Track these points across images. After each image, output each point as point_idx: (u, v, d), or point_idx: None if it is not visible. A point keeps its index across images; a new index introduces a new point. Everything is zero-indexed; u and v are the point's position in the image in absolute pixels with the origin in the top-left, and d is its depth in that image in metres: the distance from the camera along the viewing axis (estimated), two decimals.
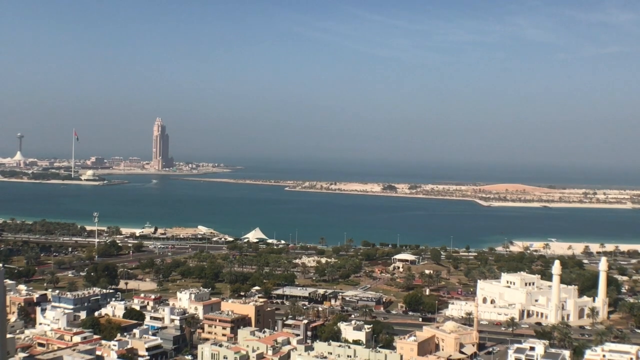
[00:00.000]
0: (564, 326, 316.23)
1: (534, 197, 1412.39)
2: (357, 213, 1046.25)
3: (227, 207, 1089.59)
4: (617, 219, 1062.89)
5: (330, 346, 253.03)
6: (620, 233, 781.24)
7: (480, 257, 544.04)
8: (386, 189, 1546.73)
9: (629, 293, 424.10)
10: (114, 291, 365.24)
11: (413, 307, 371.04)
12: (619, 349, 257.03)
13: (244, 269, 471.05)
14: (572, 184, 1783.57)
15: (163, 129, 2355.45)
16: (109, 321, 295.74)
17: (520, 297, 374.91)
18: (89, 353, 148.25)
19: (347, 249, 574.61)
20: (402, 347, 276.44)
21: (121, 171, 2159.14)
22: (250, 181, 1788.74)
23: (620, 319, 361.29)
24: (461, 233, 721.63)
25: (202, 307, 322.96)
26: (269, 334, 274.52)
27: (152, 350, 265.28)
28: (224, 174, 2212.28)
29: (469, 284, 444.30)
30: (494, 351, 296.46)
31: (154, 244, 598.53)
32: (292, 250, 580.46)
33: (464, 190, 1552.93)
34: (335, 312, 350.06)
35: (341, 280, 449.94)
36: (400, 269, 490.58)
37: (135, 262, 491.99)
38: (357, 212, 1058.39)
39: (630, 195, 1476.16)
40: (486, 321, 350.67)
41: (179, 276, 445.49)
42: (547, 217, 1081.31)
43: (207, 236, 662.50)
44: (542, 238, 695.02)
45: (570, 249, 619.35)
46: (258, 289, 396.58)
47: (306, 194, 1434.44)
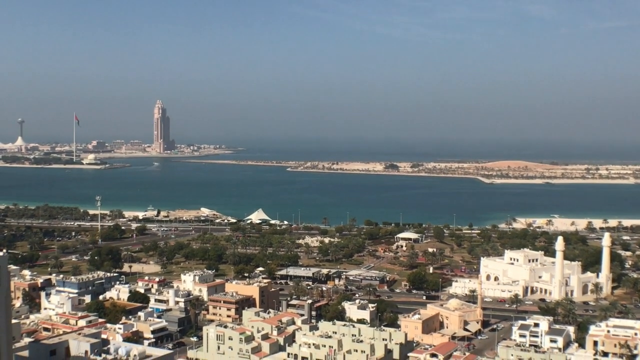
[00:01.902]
0: (567, 302, 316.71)
1: (536, 173, 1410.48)
2: (359, 192, 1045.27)
3: (230, 188, 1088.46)
4: (619, 194, 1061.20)
5: (334, 325, 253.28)
6: (623, 208, 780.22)
7: (483, 235, 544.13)
8: (388, 167, 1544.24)
9: (632, 268, 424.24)
10: (118, 274, 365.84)
11: (417, 286, 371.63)
12: (623, 324, 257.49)
13: (247, 250, 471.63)
14: (575, 160, 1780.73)
15: (164, 112, 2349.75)
16: (114, 304, 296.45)
17: (524, 274, 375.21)
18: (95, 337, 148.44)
19: (350, 229, 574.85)
20: (407, 325, 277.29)
21: (122, 154, 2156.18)
22: (252, 162, 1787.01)
23: (624, 295, 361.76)
24: (464, 211, 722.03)
25: (207, 289, 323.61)
26: (273, 314, 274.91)
27: (157, 332, 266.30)
28: (225, 155, 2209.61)
29: (472, 262, 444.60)
30: (498, 328, 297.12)
31: (157, 227, 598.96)
32: (295, 231, 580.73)
33: (466, 167, 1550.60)
34: (339, 292, 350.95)
35: (344, 259, 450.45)
36: (404, 248, 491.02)
37: (138, 245, 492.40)
38: (359, 192, 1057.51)
39: (632, 171, 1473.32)
40: (490, 298, 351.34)
41: (182, 258, 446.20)
42: (549, 193, 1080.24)
43: (210, 218, 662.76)
44: (545, 214, 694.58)
45: (573, 225, 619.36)
46: (262, 270, 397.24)
47: (308, 174, 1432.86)
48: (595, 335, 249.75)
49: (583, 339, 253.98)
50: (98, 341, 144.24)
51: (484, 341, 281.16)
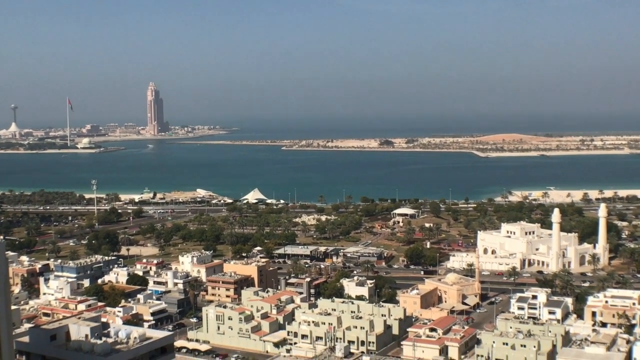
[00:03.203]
0: (565, 274, 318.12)
1: (531, 146, 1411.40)
2: (355, 169, 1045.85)
3: (225, 169, 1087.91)
4: (615, 164, 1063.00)
5: (333, 303, 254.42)
6: (619, 179, 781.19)
7: (480, 208, 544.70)
8: (383, 144, 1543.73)
9: (629, 238, 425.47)
10: (116, 258, 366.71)
11: (414, 261, 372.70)
12: (621, 294, 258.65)
13: (244, 230, 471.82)
14: (569, 132, 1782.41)
15: (157, 94, 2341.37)
16: (113, 288, 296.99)
17: (521, 247, 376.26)
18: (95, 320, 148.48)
19: (346, 206, 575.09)
20: (405, 300, 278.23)
21: (117, 138, 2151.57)
22: (247, 142, 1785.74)
23: (622, 265, 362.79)
24: (460, 185, 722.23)
25: (205, 270, 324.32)
26: (272, 293, 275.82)
27: (157, 314, 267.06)
28: (220, 136, 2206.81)
29: (469, 236, 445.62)
30: (496, 301, 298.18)
31: (154, 209, 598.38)
32: (291, 210, 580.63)
33: (461, 142, 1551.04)
34: (337, 269, 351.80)
35: (342, 237, 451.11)
36: (400, 224, 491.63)
37: (135, 228, 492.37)
38: (355, 169, 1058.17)
39: (627, 141, 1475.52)
40: (487, 272, 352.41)
41: (180, 240, 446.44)
42: (545, 165, 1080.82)
43: (206, 199, 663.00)
44: (541, 187, 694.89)
45: (569, 197, 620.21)
46: (259, 249, 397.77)
47: (303, 153, 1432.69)
48: (593, 306, 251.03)
49: (581, 310, 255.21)
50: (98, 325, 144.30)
51: (483, 314, 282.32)
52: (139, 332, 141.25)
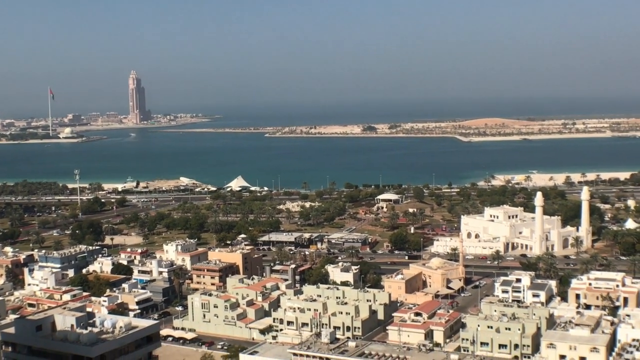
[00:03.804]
0: (548, 257, 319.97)
1: (513, 130, 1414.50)
2: (338, 156, 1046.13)
3: (208, 157, 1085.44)
4: (597, 147, 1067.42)
5: (319, 289, 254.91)
6: (601, 162, 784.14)
7: (463, 193, 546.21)
8: (366, 130, 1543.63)
9: (612, 221, 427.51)
10: (100, 247, 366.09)
11: (399, 246, 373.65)
12: (605, 276, 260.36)
13: (228, 217, 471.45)
14: (551, 115, 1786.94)
15: (138, 82, 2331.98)
16: (98, 277, 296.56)
17: (504, 230, 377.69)
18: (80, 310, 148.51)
19: (330, 192, 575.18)
20: (390, 285, 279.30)
21: (99, 127, 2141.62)
22: (230, 130, 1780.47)
23: (605, 247, 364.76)
24: (443, 170, 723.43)
25: (190, 258, 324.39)
26: (257, 280, 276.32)
27: (142, 303, 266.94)
28: (202, 123, 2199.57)
29: (452, 220, 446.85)
30: (480, 285, 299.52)
31: (137, 198, 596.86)
32: (275, 197, 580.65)
33: (444, 127, 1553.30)
34: (322, 255, 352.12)
35: (326, 223, 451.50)
36: (384, 209, 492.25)
37: (119, 217, 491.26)
38: (338, 155, 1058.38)
39: (609, 124, 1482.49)
40: (472, 256, 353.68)
41: (164, 229, 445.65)
42: (527, 149, 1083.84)
43: (190, 187, 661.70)
44: (523, 171, 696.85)
45: (552, 180, 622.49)
46: (244, 237, 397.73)
47: (286, 140, 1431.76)
48: (577, 289, 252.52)
49: (565, 292, 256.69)
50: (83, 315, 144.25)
51: (467, 298, 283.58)
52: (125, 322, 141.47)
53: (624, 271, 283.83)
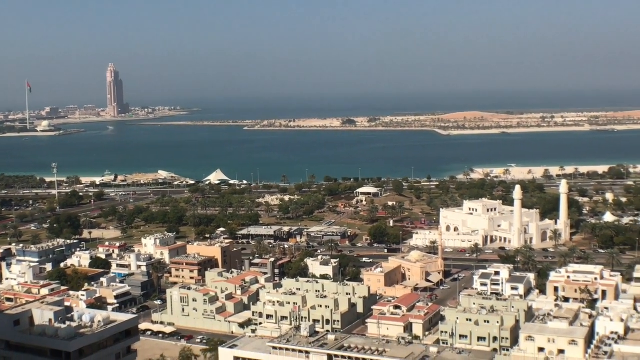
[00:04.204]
0: (527, 250, 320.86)
1: (492, 123, 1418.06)
2: (317, 149, 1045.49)
3: (187, 150, 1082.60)
4: (575, 141, 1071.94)
5: (298, 282, 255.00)
6: (580, 155, 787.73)
7: (442, 186, 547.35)
8: (345, 123, 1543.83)
9: (590, 214, 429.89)
10: (78, 241, 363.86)
11: (378, 239, 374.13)
12: (583, 269, 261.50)
13: (207, 211, 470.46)
14: (530, 109, 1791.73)
15: (116, 75, 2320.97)
16: (76, 271, 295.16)
17: (483, 224, 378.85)
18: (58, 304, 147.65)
19: (309, 186, 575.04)
20: (369, 278, 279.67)
21: (77, 120, 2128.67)
22: (208, 123, 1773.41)
23: (583, 240, 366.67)
24: (422, 163, 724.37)
25: (168, 252, 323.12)
26: (236, 274, 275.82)
27: (120, 297, 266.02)
28: (181, 117, 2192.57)
29: (432, 213, 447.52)
30: (459, 278, 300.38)
31: (115, 192, 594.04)
32: (254, 190, 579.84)
33: (423, 120, 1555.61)
34: (302, 249, 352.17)
35: (305, 216, 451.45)
36: (364, 202, 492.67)
37: (97, 211, 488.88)
38: (317, 148, 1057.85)
39: (587, 117, 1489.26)
40: (450, 249, 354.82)
41: (142, 222, 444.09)
42: (506, 143, 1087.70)
43: (168, 180, 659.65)
44: (502, 164, 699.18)
45: (531, 174, 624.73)
46: (223, 230, 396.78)
47: (265, 133, 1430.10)
48: (555, 282, 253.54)
49: (544, 285, 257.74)
50: (62, 309, 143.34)
51: (446, 291, 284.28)
52: (103, 316, 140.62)
53: (602, 264, 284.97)
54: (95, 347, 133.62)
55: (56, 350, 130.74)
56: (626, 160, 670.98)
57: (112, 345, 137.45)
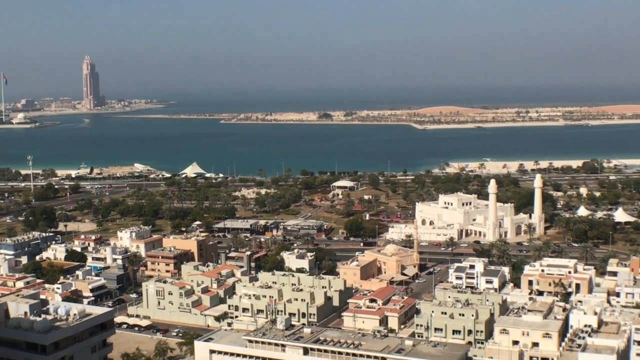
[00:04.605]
0: (502, 243, 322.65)
1: (467, 118, 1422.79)
2: (294, 143, 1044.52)
3: (163, 143, 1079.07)
4: (550, 136, 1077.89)
5: (274, 276, 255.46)
6: (554, 150, 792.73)
7: (418, 180, 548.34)
8: (322, 117, 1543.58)
9: (564, 208, 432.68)
10: (53, 234, 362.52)
11: (354, 233, 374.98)
12: (557, 263, 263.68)
13: (183, 204, 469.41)
14: (505, 104, 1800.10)
15: (92, 67, 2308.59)
16: (51, 264, 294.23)
17: (458, 217, 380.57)
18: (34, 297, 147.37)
19: (286, 179, 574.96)
20: (345, 272, 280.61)
21: (53, 112, 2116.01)
22: (185, 116, 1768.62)
23: (557, 234, 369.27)
24: (398, 157, 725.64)
25: (144, 245, 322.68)
26: (212, 267, 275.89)
27: (96, 290, 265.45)
28: (157, 109, 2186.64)
29: (407, 207, 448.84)
30: (434, 271, 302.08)
31: (91, 185, 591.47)
32: (231, 183, 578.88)
33: (399, 114, 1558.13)
34: (278, 242, 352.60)
35: (282, 210, 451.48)
36: (340, 196, 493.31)
37: (73, 203, 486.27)
38: (294, 142, 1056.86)
39: (562, 112, 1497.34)
40: (426, 242, 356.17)
41: (118, 215, 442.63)
42: (481, 137, 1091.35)
43: (144, 174, 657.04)
44: (477, 158, 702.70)
45: (505, 168, 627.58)
46: (199, 224, 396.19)
47: (242, 126, 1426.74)
48: (530, 275, 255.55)
49: (518, 278, 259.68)
50: (37, 302, 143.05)
51: (422, 284, 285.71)
52: (79, 309, 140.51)
53: (576, 258, 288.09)
54: (70, 340, 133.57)
55: (32, 343, 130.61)
56: (600, 155, 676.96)
57: (88, 338, 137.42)
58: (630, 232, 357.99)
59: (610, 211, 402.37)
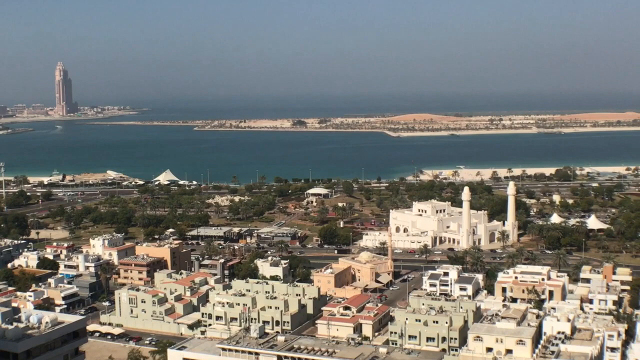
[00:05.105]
0: (475, 251, 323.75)
1: (441, 125, 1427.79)
2: (268, 150, 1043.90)
3: (136, 150, 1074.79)
4: (523, 143, 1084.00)
5: (248, 283, 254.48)
6: (527, 157, 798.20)
7: (392, 188, 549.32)
8: (296, 124, 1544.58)
9: (537, 215, 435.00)
10: (25, 242, 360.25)
11: (328, 240, 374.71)
12: (530, 270, 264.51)
13: (156, 211, 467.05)
14: (478, 112, 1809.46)
15: (65, 74, 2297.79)
16: (23, 272, 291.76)
17: (432, 225, 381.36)
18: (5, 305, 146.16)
19: (260, 186, 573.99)
20: (319, 279, 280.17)
21: (25, 119, 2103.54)
22: (158, 122, 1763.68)
23: (530, 241, 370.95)
24: (372, 164, 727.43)
25: (117, 253, 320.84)
26: (186, 275, 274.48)
27: (68, 298, 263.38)
28: (130, 116, 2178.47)
29: (381, 215, 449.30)
30: (409, 278, 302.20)
31: (63, 192, 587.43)
32: (204, 191, 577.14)
33: (373, 122, 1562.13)
34: (252, 250, 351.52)
35: (255, 217, 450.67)
36: (314, 203, 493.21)
37: (45, 211, 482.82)
38: (268, 149, 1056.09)
39: (535, 120, 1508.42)
40: (400, 250, 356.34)
41: (90, 223, 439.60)
42: (455, 145, 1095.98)
43: (117, 181, 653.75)
44: (451, 166, 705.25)
45: (479, 175, 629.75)
46: (172, 231, 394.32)
47: (216, 133, 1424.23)
48: (503, 282, 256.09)
49: (492, 285, 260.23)
50: (9, 310, 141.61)
51: (396, 292, 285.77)
52: (51, 317, 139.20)
53: (549, 265, 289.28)
54: (42, 348, 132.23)
55: (3, 352, 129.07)
56: (573, 162, 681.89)
57: (60, 347, 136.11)
58: (602, 239, 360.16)
59: (583, 218, 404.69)
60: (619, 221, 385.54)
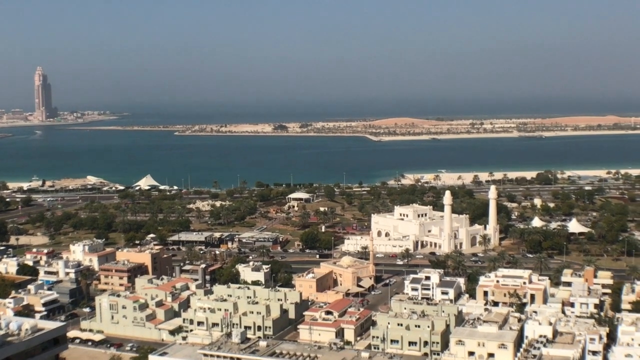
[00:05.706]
0: (457, 254, 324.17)
1: (422, 130, 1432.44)
2: (249, 154, 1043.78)
3: (116, 155, 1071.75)
4: (504, 147, 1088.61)
5: (229, 289, 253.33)
6: (508, 161, 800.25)
7: (373, 192, 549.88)
8: (277, 128, 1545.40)
9: (518, 219, 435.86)
10: (5, 248, 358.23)
11: (310, 245, 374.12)
12: (512, 274, 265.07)
13: (137, 217, 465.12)
14: (460, 116, 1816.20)
15: (44, 78, 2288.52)
16: (2, 278, 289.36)
17: (414, 229, 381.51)
18: None
19: (241, 191, 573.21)
20: (301, 284, 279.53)
21: (4, 124, 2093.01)
22: (138, 127, 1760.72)
23: (512, 245, 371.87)
24: (353, 169, 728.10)
25: (97, 259, 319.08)
26: (167, 280, 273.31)
27: (48, 305, 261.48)
28: (110, 121, 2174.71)
29: (363, 219, 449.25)
30: (390, 283, 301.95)
31: (43, 197, 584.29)
32: (185, 196, 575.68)
33: (355, 126, 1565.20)
34: (233, 255, 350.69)
35: (237, 222, 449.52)
36: (295, 208, 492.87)
37: (24, 217, 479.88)
38: (249, 154, 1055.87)
39: (516, 124, 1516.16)
40: (382, 254, 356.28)
41: (70, 229, 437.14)
42: (436, 149, 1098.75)
43: (97, 186, 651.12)
44: (432, 170, 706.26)
45: (460, 179, 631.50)
46: (153, 237, 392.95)
47: (197, 138, 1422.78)
48: (485, 286, 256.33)
49: (473, 289, 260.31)
50: None
51: (378, 296, 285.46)
52: (31, 324, 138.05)
53: (531, 268, 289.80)
54: (22, 355, 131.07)
55: None
56: (553, 166, 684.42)
57: (40, 354, 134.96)
58: (584, 243, 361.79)
59: (564, 222, 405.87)
60: (600, 225, 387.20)
